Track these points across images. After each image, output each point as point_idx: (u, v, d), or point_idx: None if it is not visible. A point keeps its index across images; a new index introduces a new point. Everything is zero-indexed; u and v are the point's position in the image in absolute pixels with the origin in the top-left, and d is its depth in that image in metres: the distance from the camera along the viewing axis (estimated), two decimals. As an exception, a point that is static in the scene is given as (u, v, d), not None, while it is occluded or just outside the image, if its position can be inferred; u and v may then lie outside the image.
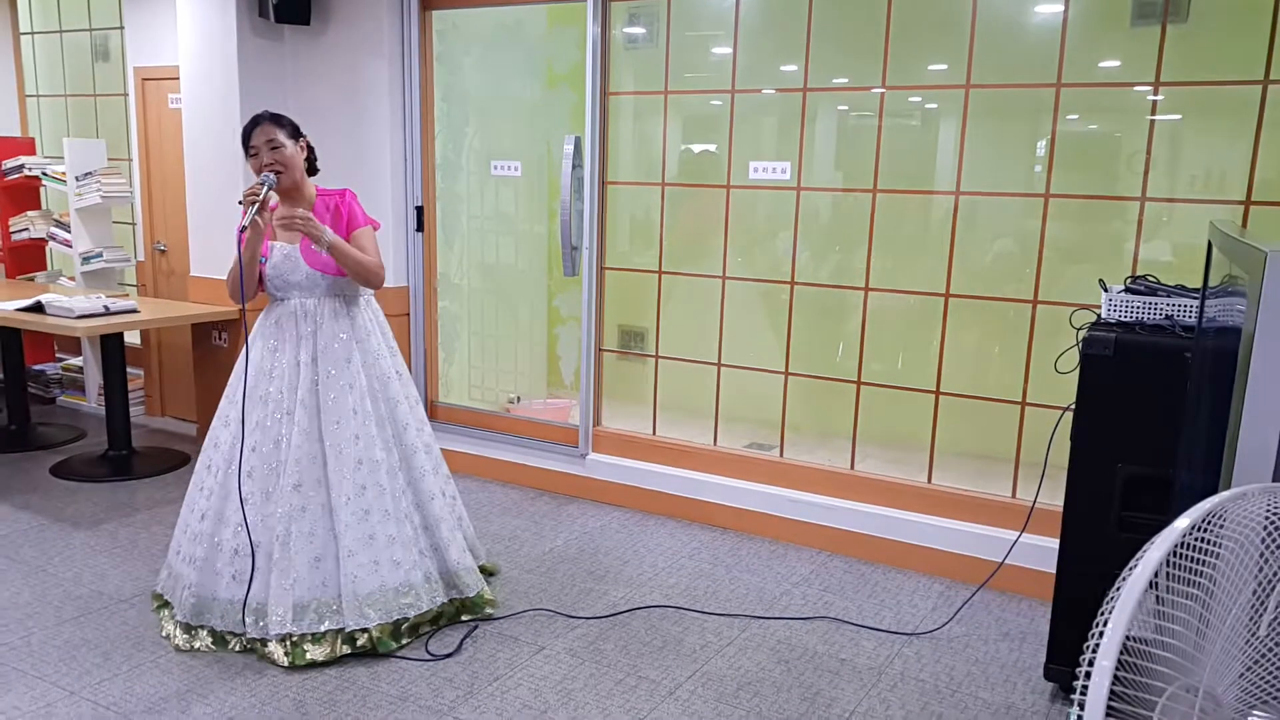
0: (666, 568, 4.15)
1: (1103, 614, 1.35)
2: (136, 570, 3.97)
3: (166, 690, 3.09)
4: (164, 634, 3.44)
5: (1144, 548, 1.32)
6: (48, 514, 4.57)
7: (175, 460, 5.41)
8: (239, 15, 5.08)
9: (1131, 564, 1.35)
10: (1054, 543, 3.25)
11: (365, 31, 5.12)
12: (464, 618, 3.61)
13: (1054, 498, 3.51)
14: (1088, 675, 1.34)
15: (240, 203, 3.27)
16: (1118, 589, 1.32)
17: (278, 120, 3.38)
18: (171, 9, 5.47)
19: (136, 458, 5.34)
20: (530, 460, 5.15)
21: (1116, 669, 1.43)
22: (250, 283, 3.39)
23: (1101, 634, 1.27)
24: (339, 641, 3.30)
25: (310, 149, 3.52)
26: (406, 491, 3.52)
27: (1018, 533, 3.77)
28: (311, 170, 3.54)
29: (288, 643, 3.28)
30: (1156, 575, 1.43)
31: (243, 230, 3.24)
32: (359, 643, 3.31)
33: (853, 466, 4.43)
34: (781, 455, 4.60)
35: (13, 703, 3.00)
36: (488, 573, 3.96)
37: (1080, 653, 3.13)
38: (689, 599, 3.85)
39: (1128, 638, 1.42)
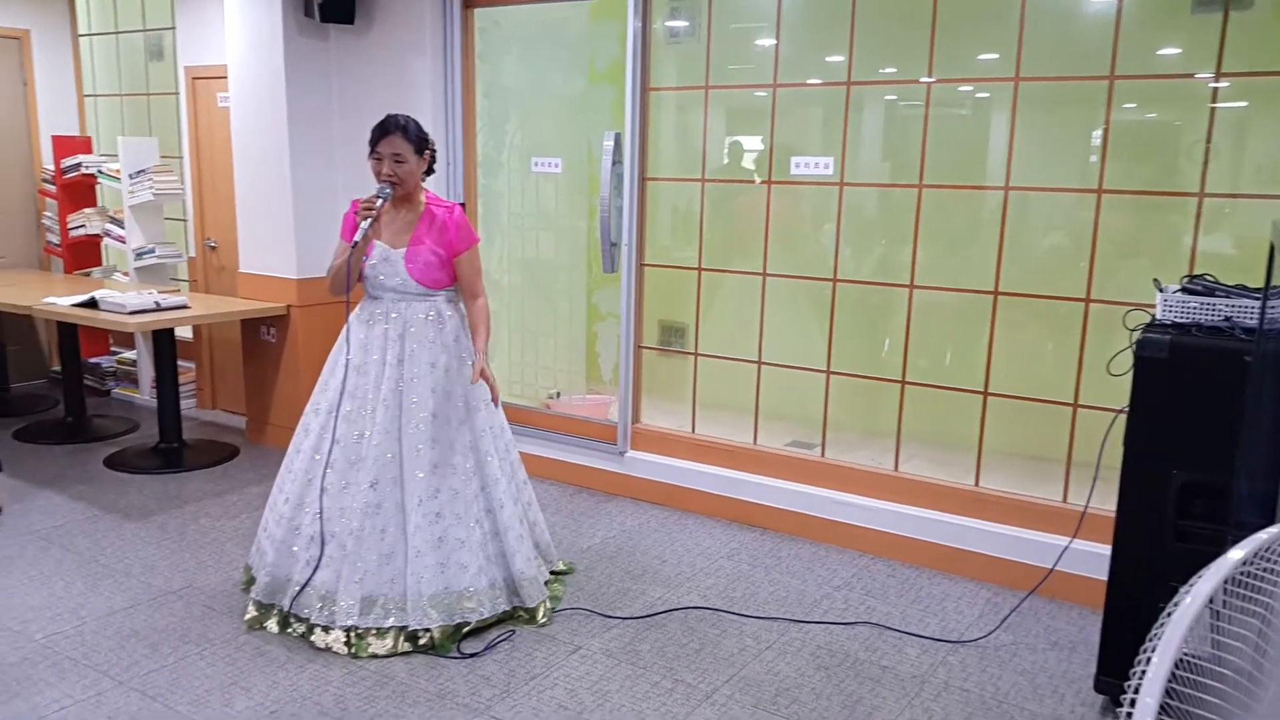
0: (705, 568, 4.11)
1: (1150, 643, 1.28)
2: (184, 562, 4.03)
3: (211, 683, 3.13)
4: (246, 615, 3.54)
5: (1194, 578, 1.25)
6: (101, 505, 4.66)
7: (225, 453, 5.48)
8: (285, 15, 5.12)
9: (1180, 594, 1.28)
10: (1106, 549, 3.15)
11: (408, 30, 5.14)
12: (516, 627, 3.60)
13: (1106, 503, 3.41)
14: (1132, 704, 1.27)
15: (357, 214, 3.38)
16: (1166, 617, 1.25)
17: (407, 133, 3.42)
18: (220, 9, 5.53)
19: (187, 450, 5.42)
20: (569, 457, 5.13)
21: (1170, 685, 1.36)
22: (352, 282, 3.48)
23: (1146, 667, 1.20)
24: (401, 639, 3.36)
25: (433, 156, 3.57)
26: (479, 497, 3.55)
27: (1068, 538, 3.67)
28: (429, 172, 3.59)
29: (351, 634, 3.35)
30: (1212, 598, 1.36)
31: (354, 245, 3.35)
32: (420, 641, 3.37)
33: (897, 467, 4.35)
34: (823, 455, 4.53)
35: (65, 690, 3.07)
36: (564, 573, 4.02)
37: (1132, 665, 3.02)
38: (727, 601, 3.81)
39: (1183, 656, 1.36)
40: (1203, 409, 2.82)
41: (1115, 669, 3.05)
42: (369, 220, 3.35)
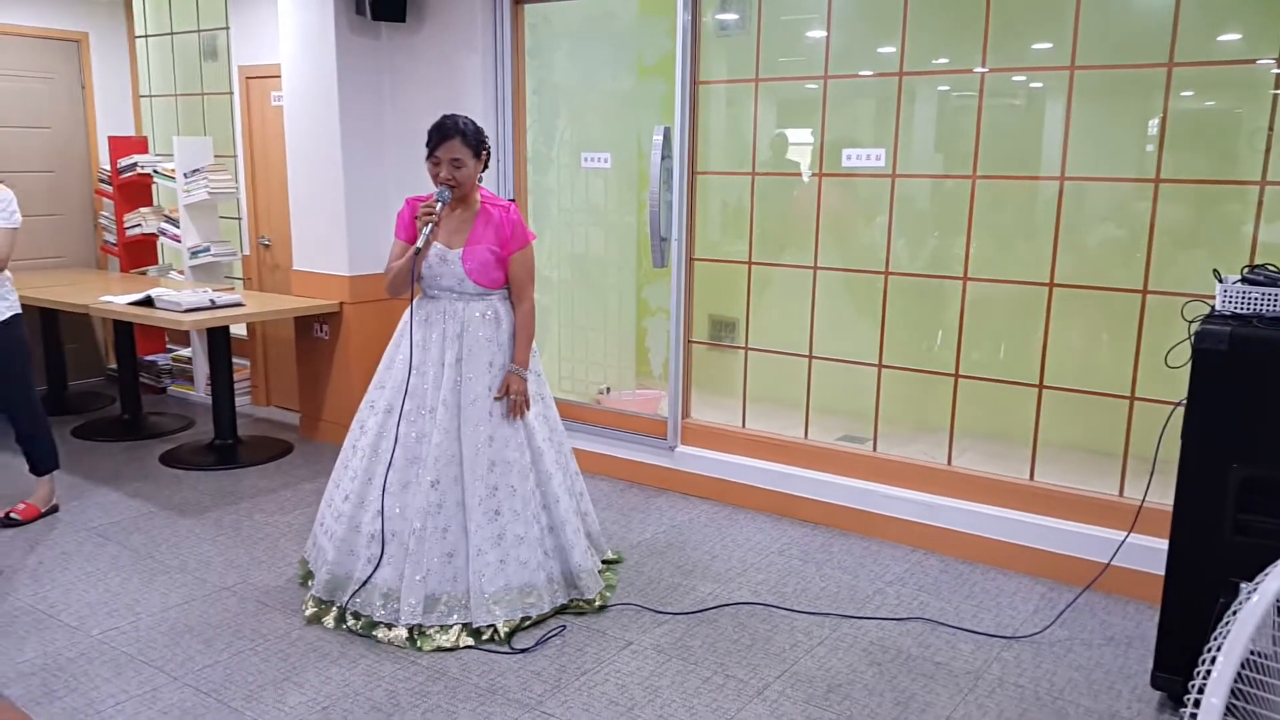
0: (755, 563, 4.10)
1: (1214, 641, 1.26)
2: (238, 558, 4.09)
3: (264, 678, 3.17)
4: (305, 611, 3.59)
5: (1260, 576, 1.23)
6: (157, 501, 4.75)
7: (279, 449, 5.57)
8: (337, 14, 5.18)
9: (1245, 592, 1.26)
10: (1163, 544, 3.09)
11: (459, 27, 5.17)
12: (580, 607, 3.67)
13: (1163, 497, 3.34)
14: (1196, 704, 1.25)
15: (418, 219, 3.41)
16: (1231, 615, 1.23)
17: (465, 136, 3.44)
18: (274, 9, 5.60)
19: (242, 447, 5.51)
20: (619, 452, 5.15)
21: (1234, 685, 1.34)
22: (412, 285, 3.50)
23: (1211, 667, 1.18)
24: (464, 634, 3.41)
25: (489, 156, 3.59)
26: (535, 493, 3.59)
27: (1125, 533, 3.61)
28: (484, 169, 3.60)
29: (415, 632, 3.40)
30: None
31: (418, 251, 3.38)
32: (484, 637, 3.42)
33: (950, 461, 4.30)
34: (875, 449, 4.50)
35: (121, 686, 3.12)
36: (614, 562, 4.07)
37: (1191, 662, 2.96)
38: (778, 596, 3.80)
39: (1248, 654, 1.33)
40: (1264, 402, 2.76)
41: (1172, 665, 3.00)
42: (430, 225, 3.37)
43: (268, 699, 3.05)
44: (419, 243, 3.37)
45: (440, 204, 3.40)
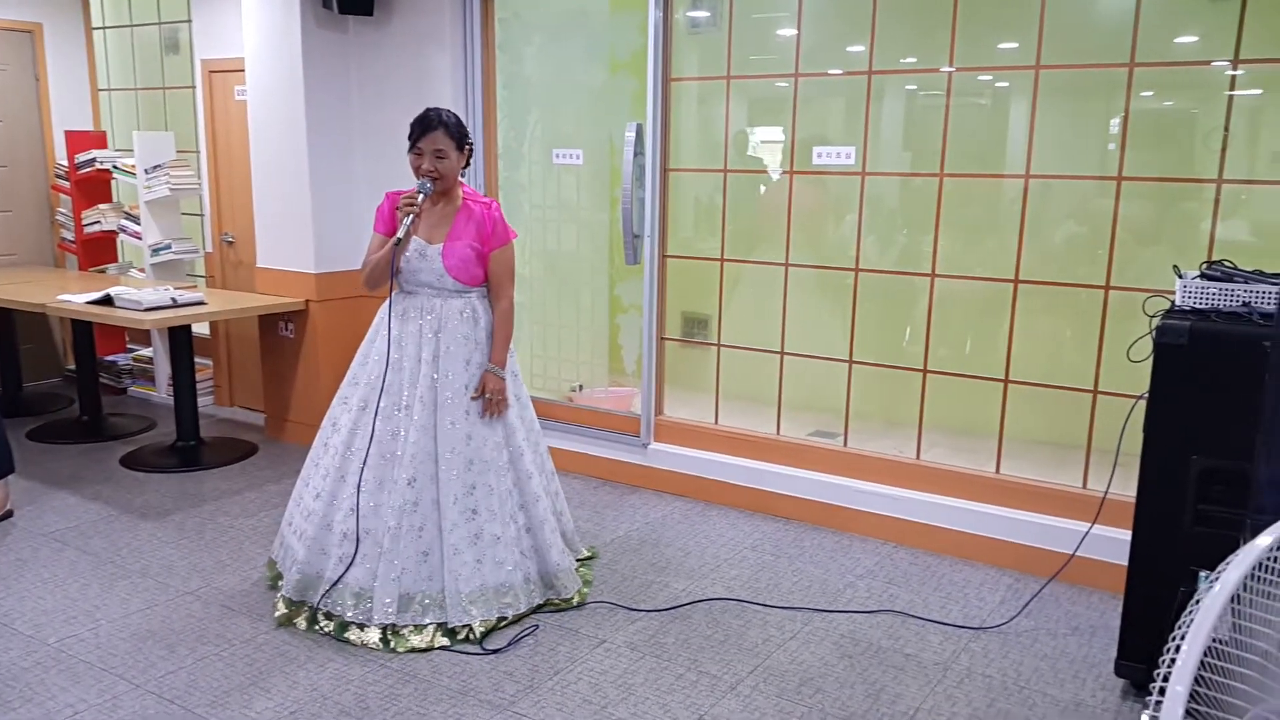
0: (728, 559, 4.12)
1: (1179, 629, 1.29)
2: (202, 562, 4.04)
3: (230, 683, 3.13)
4: (275, 613, 3.54)
5: (1222, 565, 1.26)
6: (117, 504, 4.67)
7: (243, 450, 5.50)
8: (303, 7, 5.12)
9: (1207, 581, 1.29)
10: (1126, 535, 3.15)
11: (428, 21, 5.13)
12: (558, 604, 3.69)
13: (1126, 489, 3.41)
14: (1161, 692, 1.28)
15: (398, 210, 3.41)
16: (1195, 605, 1.26)
17: (449, 128, 3.44)
18: (237, 2, 5.53)
19: (205, 448, 5.43)
20: (592, 449, 5.14)
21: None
22: (391, 278, 3.49)
23: (1176, 655, 1.21)
24: (438, 633, 3.39)
25: (471, 150, 3.57)
26: (513, 492, 3.59)
27: (1089, 524, 3.67)
28: (465, 165, 3.60)
29: (388, 631, 3.37)
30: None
31: (398, 243, 3.38)
32: (459, 636, 3.40)
33: (919, 456, 4.35)
34: (846, 444, 4.54)
35: (80, 695, 3.05)
36: (589, 558, 4.07)
37: (1153, 650, 3.02)
38: (751, 591, 3.82)
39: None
40: (1222, 394, 2.82)
41: (1136, 653, 3.06)
42: (410, 217, 3.36)
43: (234, 705, 3.00)
44: (399, 233, 3.36)
45: (422, 196, 3.39)
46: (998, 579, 3.95)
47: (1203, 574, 2.93)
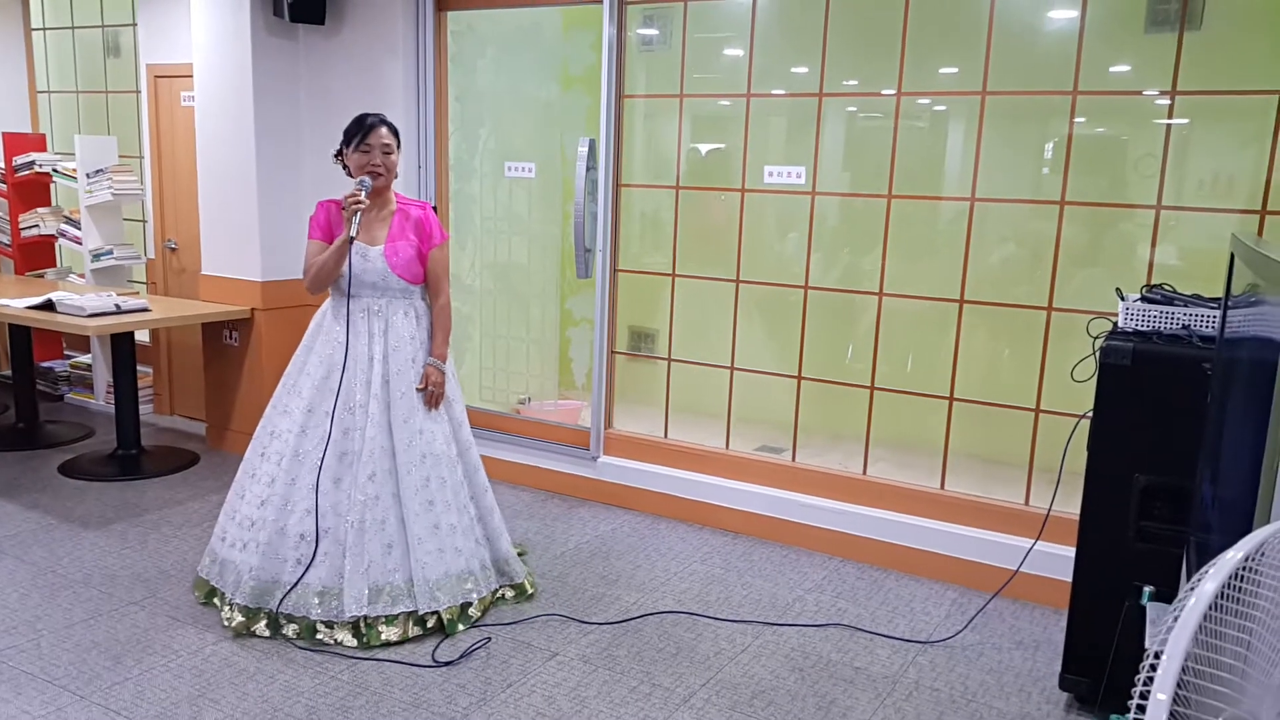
0: (679, 572, 4.14)
1: (1155, 641, 1.33)
2: (145, 572, 3.96)
3: (178, 695, 3.08)
4: (224, 619, 3.50)
5: (1197, 576, 1.31)
6: (56, 513, 4.56)
7: (185, 459, 5.40)
8: (253, 14, 5.07)
9: (1185, 591, 1.33)
10: (1069, 551, 3.23)
11: (380, 32, 5.11)
12: (512, 598, 3.82)
13: (1069, 505, 3.49)
14: (1140, 708, 1.32)
15: (344, 209, 3.46)
16: (1174, 620, 1.30)
17: (390, 126, 3.56)
18: (185, 6, 5.46)
19: (145, 457, 5.32)
20: (541, 462, 5.14)
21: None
22: (332, 280, 3.56)
23: (1155, 664, 1.25)
24: (410, 623, 3.47)
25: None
26: (464, 483, 3.72)
27: (1032, 540, 3.74)
28: None
29: (361, 624, 3.42)
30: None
31: (350, 238, 3.44)
32: (429, 625, 3.49)
33: (865, 471, 4.42)
34: (793, 459, 4.59)
35: (22, 707, 2.98)
36: (522, 554, 4.16)
37: (1097, 663, 3.08)
38: (702, 605, 3.84)
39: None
40: (1163, 413, 2.91)
41: (1080, 667, 3.14)
42: (359, 211, 3.43)
43: (182, 717, 2.95)
44: (350, 231, 3.42)
45: (365, 191, 3.46)
46: (943, 593, 4.02)
47: (1146, 589, 3.01)
